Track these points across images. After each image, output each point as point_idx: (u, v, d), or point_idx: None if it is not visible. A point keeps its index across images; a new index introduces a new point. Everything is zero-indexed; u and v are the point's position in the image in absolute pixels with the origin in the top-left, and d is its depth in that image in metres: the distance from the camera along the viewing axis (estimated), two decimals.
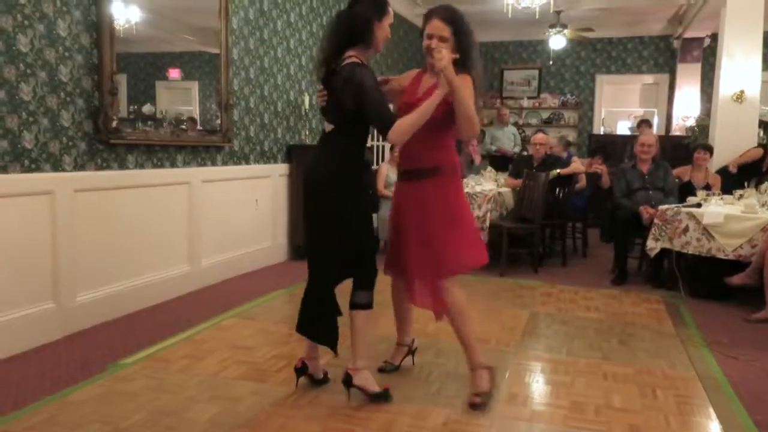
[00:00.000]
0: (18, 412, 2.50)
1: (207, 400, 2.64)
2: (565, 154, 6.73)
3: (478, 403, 2.60)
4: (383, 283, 2.81)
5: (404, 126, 2.43)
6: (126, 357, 3.13)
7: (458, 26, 2.60)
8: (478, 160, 7.45)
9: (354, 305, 2.63)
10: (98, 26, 3.57)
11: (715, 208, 4.57)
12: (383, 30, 2.55)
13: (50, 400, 2.61)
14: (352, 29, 2.50)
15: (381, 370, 2.96)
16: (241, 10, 5.01)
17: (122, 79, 3.80)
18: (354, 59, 2.49)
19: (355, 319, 2.62)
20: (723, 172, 6.16)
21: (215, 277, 4.81)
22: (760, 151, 6.36)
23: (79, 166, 3.52)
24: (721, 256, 4.44)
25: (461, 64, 2.55)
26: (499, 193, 5.81)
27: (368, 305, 2.63)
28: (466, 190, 5.57)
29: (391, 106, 2.62)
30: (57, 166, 3.38)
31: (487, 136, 9.04)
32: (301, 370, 2.74)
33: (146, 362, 3.07)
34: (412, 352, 3.09)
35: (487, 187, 5.82)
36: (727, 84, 6.76)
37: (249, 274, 5.17)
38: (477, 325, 3.76)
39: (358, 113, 2.46)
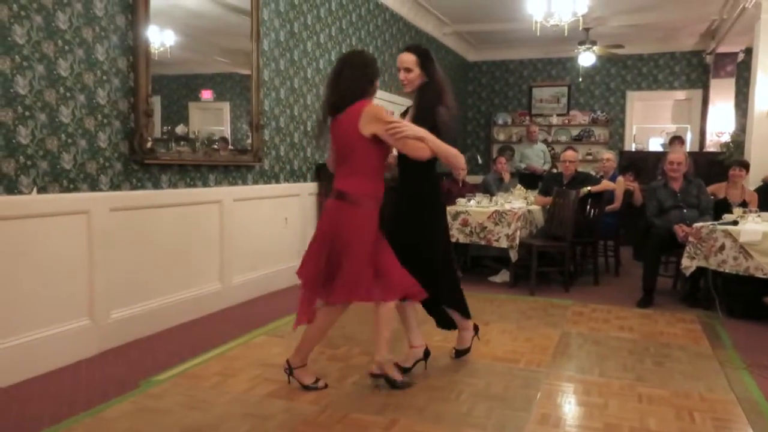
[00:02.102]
0: (53, 427, 2.55)
1: (238, 417, 2.65)
2: (612, 171, 6.64)
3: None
4: None
5: None
6: (158, 374, 3.17)
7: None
8: (507, 177, 7.41)
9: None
10: (135, 50, 3.68)
11: (753, 226, 4.46)
12: None
13: (85, 416, 2.65)
14: None
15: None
16: (272, 32, 5.11)
17: (156, 101, 3.90)
18: None
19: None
20: (763, 189, 6.02)
21: (246, 294, 4.86)
22: None
23: (114, 186, 3.61)
24: (759, 275, 4.32)
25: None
26: (529, 211, 5.77)
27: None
28: (495, 207, 5.56)
29: None
30: (94, 186, 3.47)
31: (516, 154, 9.00)
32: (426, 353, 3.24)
33: (178, 379, 3.11)
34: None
35: (516, 204, 5.78)
36: (762, 99, 6.63)
37: (279, 292, 5.21)
38: (508, 344, 3.74)
39: None
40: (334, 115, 2.88)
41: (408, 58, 3.03)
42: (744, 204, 5.32)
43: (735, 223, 4.59)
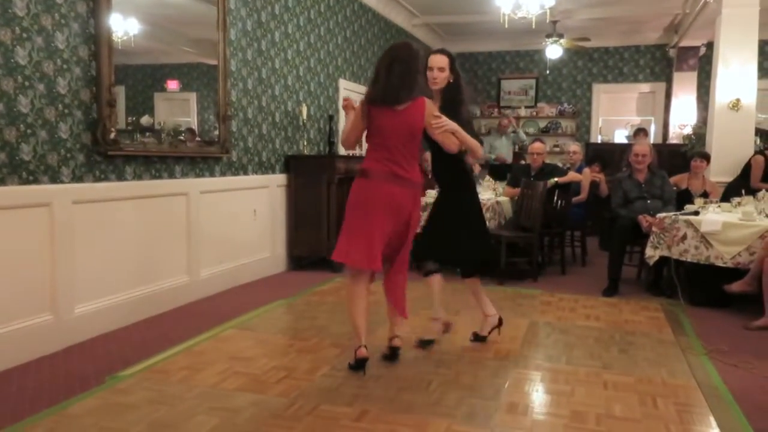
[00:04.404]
0: (16, 425, 2.49)
1: (206, 411, 2.63)
2: (579, 163, 6.73)
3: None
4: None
5: None
6: (125, 369, 3.12)
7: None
8: (477, 169, 7.45)
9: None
10: (96, 39, 3.58)
11: (713, 216, 4.58)
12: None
13: (48, 413, 2.60)
14: None
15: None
16: (239, 22, 5.03)
17: (120, 91, 3.81)
18: None
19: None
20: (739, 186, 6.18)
21: (214, 288, 4.80)
22: (762, 159, 6.35)
23: (77, 178, 3.52)
24: (719, 263, 4.44)
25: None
26: (498, 202, 5.81)
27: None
28: None
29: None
30: (55, 178, 3.38)
31: (485, 145, 9.03)
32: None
33: (145, 374, 3.06)
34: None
35: (485, 196, 5.83)
36: (723, 92, 6.79)
37: (248, 285, 5.17)
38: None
39: None
40: (391, 105, 3.03)
41: (442, 59, 3.28)
42: (705, 194, 5.45)
43: (696, 213, 4.71)
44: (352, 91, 7.35)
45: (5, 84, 3.07)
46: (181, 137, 4.48)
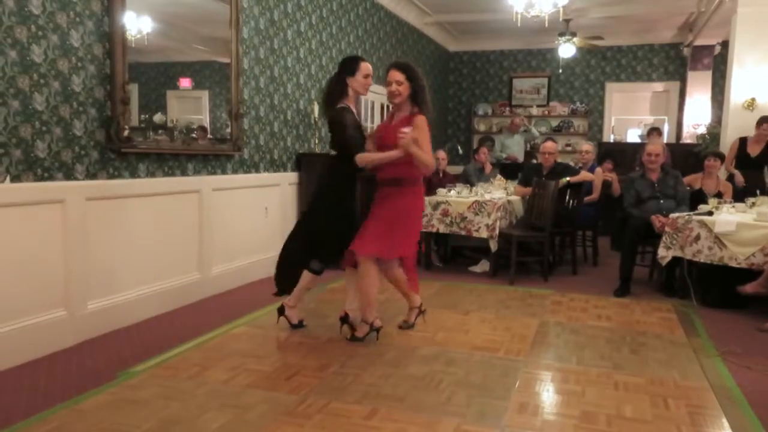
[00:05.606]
0: (28, 419, 2.51)
1: (217, 408, 2.64)
2: (591, 162, 6.69)
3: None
4: None
5: (366, 159, 3.45)
6: (136, 365, 3.14)
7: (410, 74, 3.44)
8: (488, 168, 7.44)
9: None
10: (111, 37, 3.61)
11: (727, 216, 4.53)
12: (357, 81, 3.50)
13: (60, 408, 2.62)
14: (330, 89, 3.56)
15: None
16: (252, 20, 5.05)
17: (134, 89, 3.84)
18: (341, 105, 3.52)
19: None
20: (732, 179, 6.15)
21: (225, 285, 4.83)
22: (737, 141, 6.39)
23: (90, 175, 3.55)
24: (733, 264, 4.40)
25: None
26: (509, 202, 5.80)
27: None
28: (475, 198, 5.60)
29: None
30: (69, 175, 3.41)
31: (496, 144, 9.02)
32: (344, 319, 3.66)
33: (156, 370, 3.08)
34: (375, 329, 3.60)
35: (496, 195, 5.81)
36: (738, 91, 6.73)
37: (259, 282, 5.18)
38: (488, 334, 3.77)
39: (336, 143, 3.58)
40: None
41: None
42: (719, 195, 5.40)
43: (710, 213, 4.67)
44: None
45: (21, 82, 3.10)
46: (194, 135, 4.51)
